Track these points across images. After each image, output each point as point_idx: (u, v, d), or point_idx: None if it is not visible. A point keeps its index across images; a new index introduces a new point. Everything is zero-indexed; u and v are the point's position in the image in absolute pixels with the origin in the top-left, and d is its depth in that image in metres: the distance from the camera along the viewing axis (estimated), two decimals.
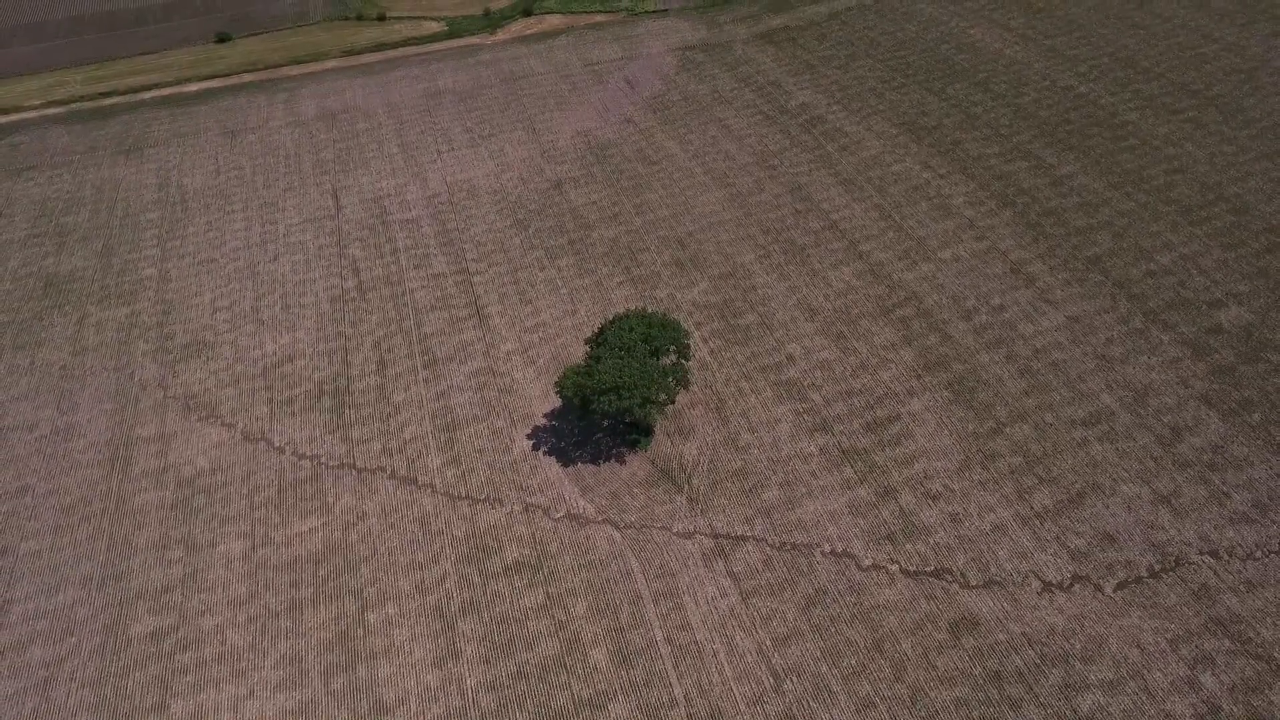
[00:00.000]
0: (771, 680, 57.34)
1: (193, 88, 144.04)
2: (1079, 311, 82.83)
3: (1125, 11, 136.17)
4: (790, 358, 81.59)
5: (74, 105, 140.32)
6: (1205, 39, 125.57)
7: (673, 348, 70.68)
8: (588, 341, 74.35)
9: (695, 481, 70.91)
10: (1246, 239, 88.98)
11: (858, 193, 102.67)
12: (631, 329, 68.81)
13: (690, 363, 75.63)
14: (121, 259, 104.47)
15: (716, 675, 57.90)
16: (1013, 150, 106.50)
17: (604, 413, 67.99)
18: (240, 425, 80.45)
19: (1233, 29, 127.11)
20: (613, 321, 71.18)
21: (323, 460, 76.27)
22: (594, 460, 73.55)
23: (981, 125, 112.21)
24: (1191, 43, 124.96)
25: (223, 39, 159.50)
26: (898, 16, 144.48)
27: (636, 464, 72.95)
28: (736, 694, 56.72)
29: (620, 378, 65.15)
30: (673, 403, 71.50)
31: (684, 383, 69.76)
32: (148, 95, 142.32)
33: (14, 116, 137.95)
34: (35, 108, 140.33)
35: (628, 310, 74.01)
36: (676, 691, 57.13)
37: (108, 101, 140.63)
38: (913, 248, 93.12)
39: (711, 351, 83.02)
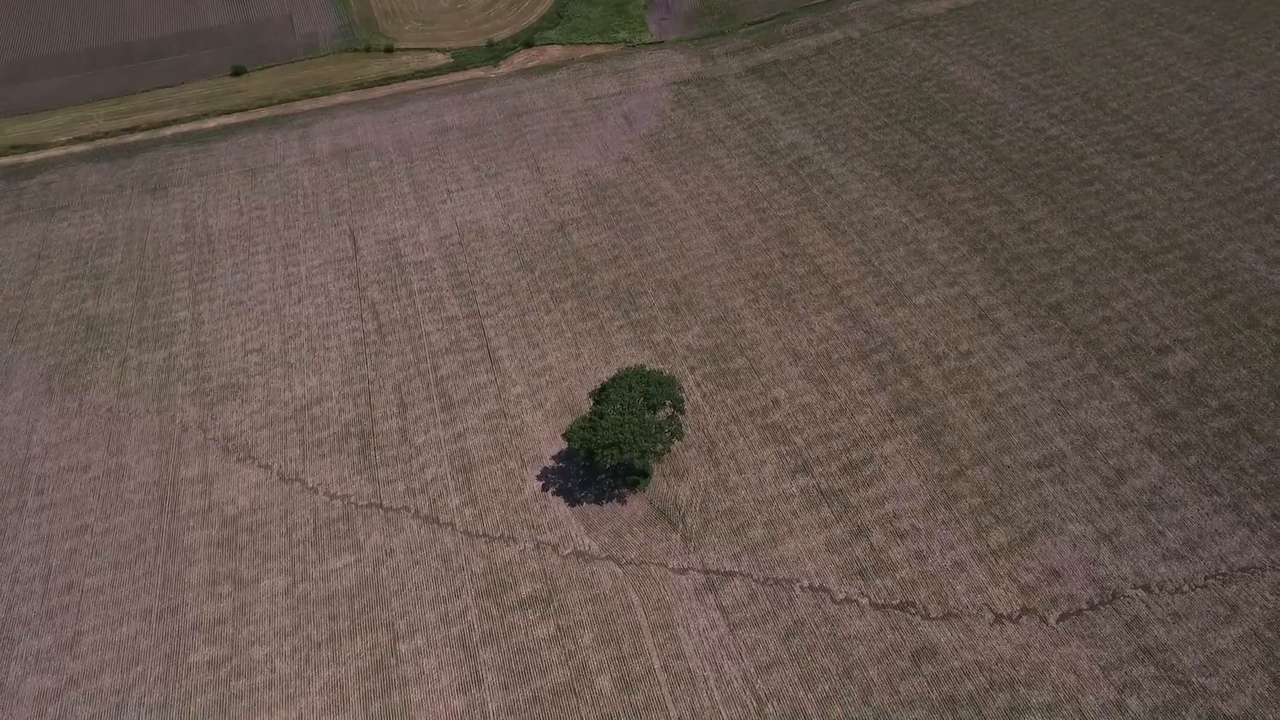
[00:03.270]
0: (755, 704, 65.75)
1: (211, 124, 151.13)
2: (1039, 357, 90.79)
3: (1099, 49, 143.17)
4: (775, 401, 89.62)
5: (99, 142, 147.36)
6: (1172, 79, 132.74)
7: (669, 402, 78.73)
8: (592, 394, 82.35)
9: (689, 521, 79.14)
10: (1195, 286, 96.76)
11: (840, 237, 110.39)
12: (631, 387, 76.84)
13: (684, 416, 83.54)
14: (156, 301, 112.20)
15: (707, 700, 66.32)
16: (985, 194, 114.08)
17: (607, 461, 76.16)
18: (276, 466, 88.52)
19: (1198, 68, 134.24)
20: (614, 379, 79.15)
21: (352, 500, 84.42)
22: (597, 500, 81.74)
23: (958, 168, 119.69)
24: (1159, 83, 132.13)
25: (238, 72, 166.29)
26: (883, 52, 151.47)
27: (636, 504, 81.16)
28: (725, 717, 65.14)
29: (621, 433, 73.28)
30: (669, 451, 79.59)
31: (678, 434, 77.87)
32: (169, 131, 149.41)
33: (43, 154, 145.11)
34: (62, 144, 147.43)
35: (628, 368, 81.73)
36: (672, 715, 65.55)
37: (131, 139, 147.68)
38: (890, 293, 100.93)
39: (704, 395, 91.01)
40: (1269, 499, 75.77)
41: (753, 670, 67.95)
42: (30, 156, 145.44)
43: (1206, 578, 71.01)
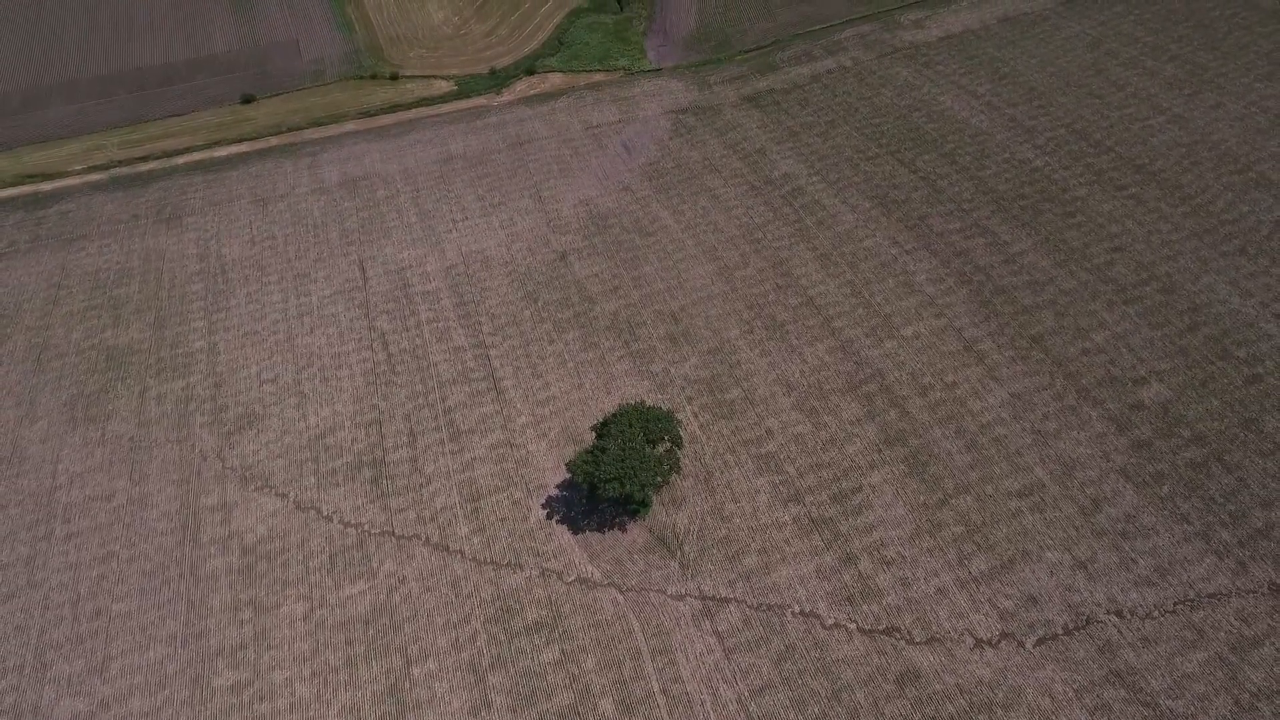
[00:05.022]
0: None
1: (223, 152, 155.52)
2: (1021, 389, 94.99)
3: (1084, 79, 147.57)
4: (769, 432, 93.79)
5: (113, 171, 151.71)
6: (1154, 110, 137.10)
7: (666, 437, 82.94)
8: (594, 428, 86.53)
9: (686, 548, 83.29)
10: (1171, 318, 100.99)
11: (832, 268, 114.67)
12: (631, 423, 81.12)
13: (681, 450, 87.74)
14: (173, 332, 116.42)
15: None
16: (972, 226, 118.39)
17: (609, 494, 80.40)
18: (292, 495, 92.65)
19: (1180, 99, 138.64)
20: (615, 414, 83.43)
21: (366, 528, 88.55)
22: (600, 528, 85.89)
23: (946, 200, 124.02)
24: (1141, 114, 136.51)
25: (248, 99, 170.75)
26: (874, 81, 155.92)
27: (636, 532, 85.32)
28: None
29: (622, 468, 77.51)
30: (667, 483, 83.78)
31: (676, 468, 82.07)
32: (181, 160, 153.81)
33: (59, 184, 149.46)
34: (78, 173, 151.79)
35: (628, 404, 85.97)
36: None
37: (145, 167, 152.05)
38: (879, 325, 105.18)
39: (701, 425, 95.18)
40: (1236, 527, 79.94)
41: (746, 693, 72.04)
42: (47, 185, 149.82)
43: (1175, 603, 75.12)
